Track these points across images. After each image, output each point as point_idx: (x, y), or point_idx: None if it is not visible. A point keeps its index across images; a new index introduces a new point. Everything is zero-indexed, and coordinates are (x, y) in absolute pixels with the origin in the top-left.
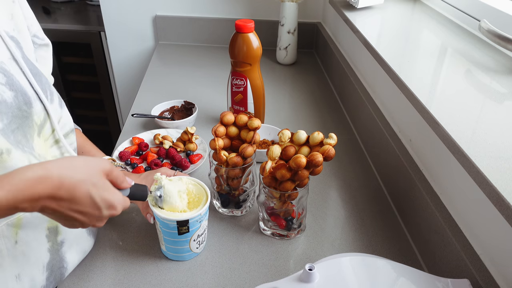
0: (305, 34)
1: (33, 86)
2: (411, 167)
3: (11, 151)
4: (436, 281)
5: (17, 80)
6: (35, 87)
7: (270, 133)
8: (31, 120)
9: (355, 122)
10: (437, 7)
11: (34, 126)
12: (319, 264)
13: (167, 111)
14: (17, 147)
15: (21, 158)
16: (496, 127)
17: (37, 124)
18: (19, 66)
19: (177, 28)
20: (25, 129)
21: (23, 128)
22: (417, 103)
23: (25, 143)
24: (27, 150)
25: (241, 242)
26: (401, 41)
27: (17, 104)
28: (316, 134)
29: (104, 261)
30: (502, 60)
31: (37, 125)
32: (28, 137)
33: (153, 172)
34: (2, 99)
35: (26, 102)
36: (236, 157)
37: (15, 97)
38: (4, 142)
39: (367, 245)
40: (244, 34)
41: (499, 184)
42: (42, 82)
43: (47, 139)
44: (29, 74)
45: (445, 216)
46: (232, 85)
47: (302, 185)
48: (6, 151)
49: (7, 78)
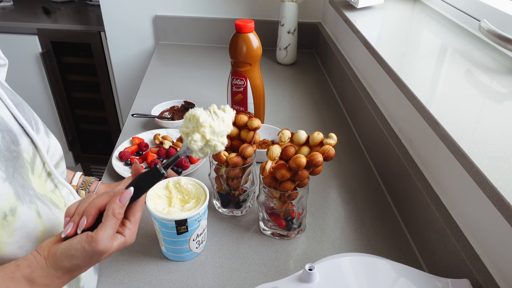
0: (305, 34)
1: (17, 119)
2: (411, 167)
3: (16, 210)
4: (436, 281)
5: (1, 117)
6: (19, 120)
7: (270, 133)
8: (22, 159)
9: (355, 122)
10: (437, 7)
11: (26, 164)
12: (319, 264)
13: (167, 111)
14: (23, 200)
15: (28, 213)
16: (496, 127)
17: (28, 162)
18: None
19: (177, 28)
20: (20, 171)
21: (18, 170)
22: (417, 103)
23: (27, 185)
24: (31, 193)
25: (241, 242)
26: (401, 41)
27: (6, 145)
28: (316, 134)
29: (104, 261)
30: (502, 60)
31: (28, 163)
32: (25, 178)
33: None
34: None
35: (13, 140)
36: (236, 157)
37: (3, 138)
38: (11, 196)
39: (367, 245)
40: (244, 34)
41: (499, 184)
42: (25, 112)
43: (40, 175)
44: (11, 105)
45: (445, 216)
46: (232, 85)
47: (302, 185)
48: (10, 212)
49: None
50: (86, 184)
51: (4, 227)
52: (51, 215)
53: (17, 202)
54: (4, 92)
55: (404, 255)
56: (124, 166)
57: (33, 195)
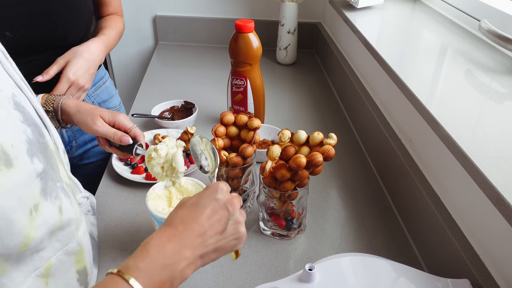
0: (305, 34)
1: (38, 112)
2: (411, 167)
3: (39, 206)
4: (436, 281)
5: (28, 111)
6: (39, 113)
7: (270, 133)
8: (50, 150)
9: (355, 122)
10: (437, 7)
11: (54, 155)
12: (319, 264)
13: (167, 111)
14: (47, 196)
15: (50, 209)
16: (496, 127)
17: (54, 152)
18: (22, 91)
19: (177, 28)
20: (51, 161)
21: (49, 161)
22: (417, 103)
23: (56, 176)
24: (58, 186)
25: None
26: (401, 41)
27: (36, 138)
28: (316, 134)
29: (104, 261)
30: (502, 60)
31: (55, 153)
32: (55, 168)
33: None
34: (28, 139)
35: (40, 133)
36: (236, 157)
37: (33, 132)
38: (37, 192)
39: (367, 245)
40: (244, 34)
41: (499, 184)
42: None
43: (62, 165)
44: (33, 99)
45: (445, 216)
46: (232, 85)
47: (302, 185)
48: (34, 207)
49: (21, 113)
50: (49, 103)
51: (31, 222)
52: (71, 210)
53: (40, 198)
54: (26, 87)
55: (404, 255)
56: (124, 166)
57: (59, 187)
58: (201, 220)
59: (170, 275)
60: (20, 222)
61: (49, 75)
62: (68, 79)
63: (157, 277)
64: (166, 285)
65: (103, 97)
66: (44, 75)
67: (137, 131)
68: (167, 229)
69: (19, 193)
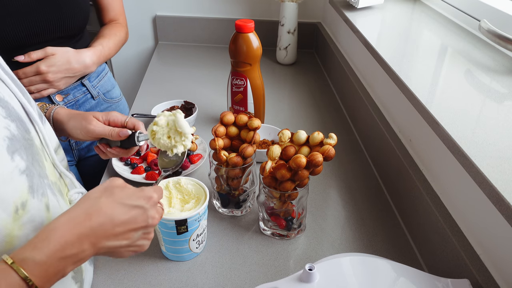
0: (305, 34)
1: (24, 107)
2: (411, 167)
3: (26, 204)
4: (436, 281)
5: (12, 106)
6: (26, 108)
7: (270, 133)
8: (35, 146)
9: (355, 122)
10: (437, 7)
11: (40, 152)
12: (319, 264)
13: (167, 111)
14: (35, 193)
15: (37, 207)
16: (496, 127)
17: (40, 149)
18: (7, 85)
19: (177, 28)
20: (37, 158)
21: (35, 157)
22: (417, 103)
23: (42, 173)
24: (45, 183)
25: (241, 242)
26: (401, 41)
27: (21, 134)
28: (316, 134)
29: (104, 261)
30: (502, 60)
31: (41, 150)
32: (41, 165)
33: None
34: (11, 135)
35: (25, 129)
36: (236, 157)
37: (17, 127)
38: (25, 190)
39: (367, 245)
40: (244, 34)
41: (499, 184)
42: (29, 100)
43: (50, 163)
44: (18, 94)
45: (445, 216)
46: (232, 85)
47: (302, 185)
48: (21, 206)
49: (4, 108)
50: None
51: (15, 220)
52: (58, 209)
53: (28, 196)
54: (11, 81)
55: (404, 255)
56: (124, 166)
57: (47, 184)
58: (117, 221)
59: (65, 266)
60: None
61: (30, 58)
62: (38, 67)
63: (52, 269)
64: (59, 275)
65: (106, 87)
66: (26, 57)
67: (133, 120)
68: (80, 215)
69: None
